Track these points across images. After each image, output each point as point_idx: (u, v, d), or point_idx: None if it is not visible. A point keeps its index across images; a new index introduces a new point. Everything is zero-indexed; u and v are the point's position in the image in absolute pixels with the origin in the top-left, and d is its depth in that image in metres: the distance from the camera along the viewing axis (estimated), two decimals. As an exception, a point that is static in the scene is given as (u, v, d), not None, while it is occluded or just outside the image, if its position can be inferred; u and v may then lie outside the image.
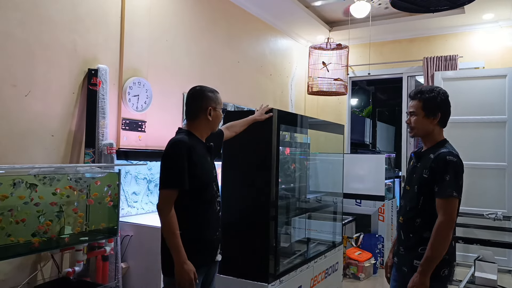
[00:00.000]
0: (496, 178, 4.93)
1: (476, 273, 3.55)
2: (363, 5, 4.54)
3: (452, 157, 1.88)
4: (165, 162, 1.92)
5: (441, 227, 1.82)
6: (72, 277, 2.63)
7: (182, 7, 3.88)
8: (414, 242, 1.95)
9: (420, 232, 1.94)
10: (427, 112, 1.97)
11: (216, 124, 2.11)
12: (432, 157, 1.92)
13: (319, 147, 4.20)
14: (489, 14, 4.99)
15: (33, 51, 2.63)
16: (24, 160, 2.56)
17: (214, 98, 2.07)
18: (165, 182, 1.89)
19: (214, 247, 2.07)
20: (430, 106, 1.96)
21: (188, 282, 1.85)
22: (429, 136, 2.02)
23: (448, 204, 1.84)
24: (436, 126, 2.00)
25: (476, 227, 4.15)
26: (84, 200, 2.56)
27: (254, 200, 2.66)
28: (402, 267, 2.02)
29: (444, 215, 1.83)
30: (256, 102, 4.99)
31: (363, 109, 11.06)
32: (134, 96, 3.27)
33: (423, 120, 1.99)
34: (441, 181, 1.85)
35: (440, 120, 1.98)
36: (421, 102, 1.98)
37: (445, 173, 1.85)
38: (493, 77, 5.00)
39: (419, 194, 1.95)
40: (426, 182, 1.92)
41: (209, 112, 2.03)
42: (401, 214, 2.08)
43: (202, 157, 1.98)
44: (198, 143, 2.00)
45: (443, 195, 1.84)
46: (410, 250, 1.96)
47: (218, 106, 2.08)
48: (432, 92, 1.97)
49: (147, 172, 3.43)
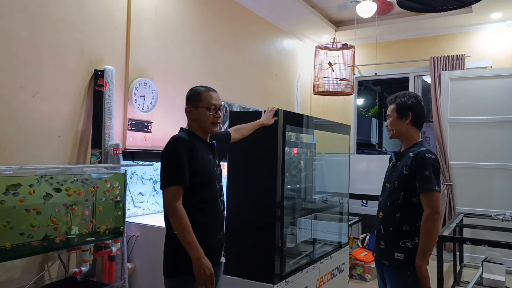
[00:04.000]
0: (504, 179, 4.89)
1: (484, 275, 3.52)
2: (369, 4, 4.52)
3: (431, 155, 2.04)
4: (164, 160, 1.90)
5: (428, 219, 1.98)
6: (78, 277, 2.65)
7: (188, 8, 3.88)
8: (395, 236, 2.09)
9: (399, 225, 2.08)
10: (399, 114, 2.16)
11: (205, 122, 2.00)
12: (411, 155, 2.08)
13: (325, 147, 4.18)
14: (497, 13, 4.94)
15: (40, 52, 2.65)
16: (31, 160, 2.57)
17: (196, 96, 2.01)
18: (167, 180, 1.86)
19: (218, 248, 2.04)
20: (402, 108, 2.16)
21: (209, 277, 1.83)
22: (405, 137, 2.18)
23: (431, 198, 1.99)
24: (411, 127, 2.17)
25: (484, 228, 4.11)
26: (91, 201, 2.57)
27: (260, 201, 2.66)
28: (382, 261, 2.15)
29: (429, 208, 1.99)
30: (262, 102, 4.99)
31: (369, 109, 11.01)
32: (140, 96, 3.28)
33: (396, 121, 2.17)
34: (422, 177, 2.01)
35: (412, 121, 2.15)
36: (395, 105, 2.19)
37: (425, 169, 2.01)
38: (501, 76, 4.95)
39: (399, 190, 2.10)
40: (406, 178, 2.07)
41: (188, 111, 2.02)
42: (381, 209, 2.22)
43: (202, 154, 1.95)
44: (198, 140, 1.98)
45: (426, 190, 2.00)
46: (391, 244, 2.10)
47: (201, 104, 1.99)
48: (404, 96, 2.18)
49: (153, 172, 3.44)
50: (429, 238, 1.99)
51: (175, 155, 1.87)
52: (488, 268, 3.54)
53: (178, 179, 1.85)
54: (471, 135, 5.07)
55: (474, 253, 4.80)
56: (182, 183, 1.85)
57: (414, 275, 2.03)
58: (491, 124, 4.95)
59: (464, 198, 5.12)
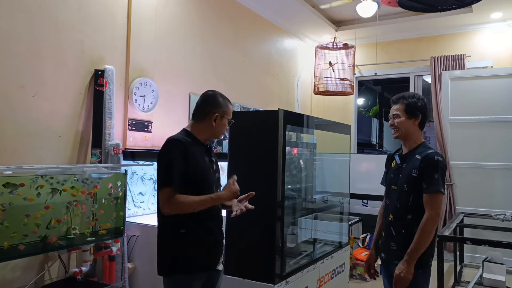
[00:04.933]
0: (505, 178, 4.88)
1: (484, 274, 3.51)
2: (369, 4, 4.51)
3: (439, 157, 2.06)
4: (160, 160, 1.90)
5: (428, 220, 1.99)
6: (79, 277, 2.65)
7: (189, 8, 3.88)
8: (406, 238, 2.08)
9: (411, 227, 2.07)
10: (409, 114, 2.16)
11: (219, 133, 2.06)
12: (419, 157, 2.09)
13: (325, 147, 4.18)
14: (498, 13, 4.94)
15: (41, 52, 2.64)
16: (32, 160, 2.57)
17: (224, 106, 2.04)
18: (163, 180, 1.85)
19: (216, 251, 2.02)
20: (412, 109, 2.16)
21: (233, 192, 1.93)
22: (411, 137, 2.18)
23: (436, 199, 2.01)
24: (417, 128, 2.18)
25: (485, 228, 4.11)
26: (91, 201, 2.57)
27: (260, 200, 2.65)
28: (393, 261, 2.13)
29: (432, 210, 2.00)
30: (262, 102, 4.99)
31: (370, 109, 11.00)
32: (140, 96, 3.28)
33: (406, 121, 2.16)
34: (430, 178, 2.02)
35: (420, 122, 2.18)
36: (403, 105, 2.17)
37: (434, 171, 2.02)
38: (502, 76, 4.95)
39: (409, 193, 2.10)
40: (415, 180, 2.07)
41: (215, 118, 2.01)
42: (390, 212, 2.20)
43: (197, 156, 1.94)
44: (195, 142, 1.97)
45: (432, 190, 2.01)
46: (403, 246, 2.08)
47: (226, 115, 2.04)
48: (413, 97, 2.18)
49: (154, 172, 3.44)
50: (428, 238, 2.00)
51: (170, 156, 1.86)
52: (488, 268, 3.54)
53: (170, 181, 1.84)
54: (471, 135, 5.06)
55: (475, 253, 4.80)
56: (176, 184, 1.84)
57: (424, 274, 2.05)
58: (492, 124, 4.95)
59: (465, 198, 5.11)
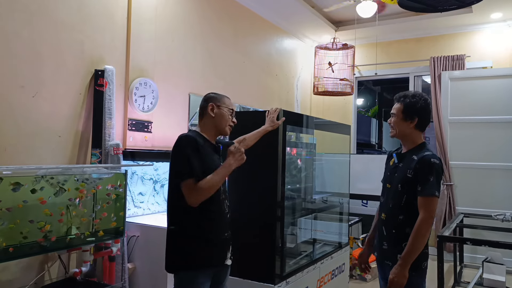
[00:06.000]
0: (505, 179, 4.89)
1: (484, 275, 3.52)
2: (369, 4, 4.51)
3: (436, 159, 2.01)
4: (176, 155, 1.95)
5: (422, 223, 1.96)
6: (79, 278, 2.64)
7: (188, 8, 3.88)
8: (397, 238, 2.07)
9: (402, 228, 2.06)
10: (405, 115, 2.10)
11: (222, 124, 2.08)
12: (415, 158, 2.05)
13: (325, 147, 4.18)
14: (498, 13, 4.94)
15: (41, 52, 2.64)
16: (32, 160, 2.57)
17: (218, 98, 2.11)
18: (184, 173, 1.89)
19: (222, 249, 2.06)
20: (409, 111, 2.10)
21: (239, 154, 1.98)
22: (407, 138, 2.14)
23: (430, 202, 1.97)
24: (414, 130, 2.12)
25: (484, 228, 4.11)
26: (91, 201, 2.57)
27: (260, 201, 2.66)
28: (384, 261, 2.14)
29: (426, 212, 1.96)
30: (262, 102, 4.99)
31: (369, 109, 11.01)
32: (140, 96, 3.28)
33: (400, 122, 2.12)
34: (425, 181, 1.98)
35: (417, 125, 2.11)
36: (402, 105, 2.12)
37: (429, 174, 1.98)
38: (501, 76, 4.95)
39: (402, 193, 2.07)
40: (410, 181, 2.04)
41: (211, 108, 2.06)
42: (383, 211, 2.19)
43: (207, 153, 2.00)
44: (204, 141, 2.03)
45: (426, 194, 1.97)
46: (394, 245, 2.08)
47: (223, 105, 2.09)
48: (414, 97, 2.11)
49: (154, 172, 3.44)
50: (422, 241, 1.96)
51: (184, 150, 1.92)
52: (488, 268, 3.54)
53: (191, 173, 1.89)
54: (471, 135, 5.07)
55: (475, 253, 4.80)
56: (194, 175, 1.89)
57: (417, 275, 2.02)
58: (491, 124, 4.95)
59: (464, 198, 5.12)
